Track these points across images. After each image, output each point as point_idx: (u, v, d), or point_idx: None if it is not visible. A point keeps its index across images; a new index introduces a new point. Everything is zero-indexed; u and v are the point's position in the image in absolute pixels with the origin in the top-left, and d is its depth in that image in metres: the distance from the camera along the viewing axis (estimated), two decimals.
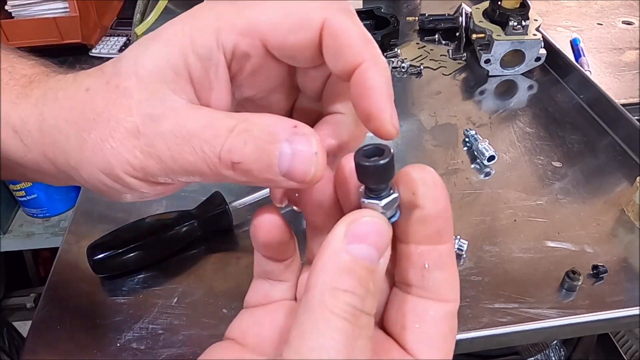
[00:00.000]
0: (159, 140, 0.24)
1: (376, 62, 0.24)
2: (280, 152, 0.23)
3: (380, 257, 0.22)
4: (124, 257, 0.52)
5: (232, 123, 0.23)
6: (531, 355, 0.83)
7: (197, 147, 0.23)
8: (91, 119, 0.25)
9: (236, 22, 0.24)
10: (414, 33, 0.95)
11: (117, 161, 0.24)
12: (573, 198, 0.60)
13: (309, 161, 0.23)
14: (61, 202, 1.80)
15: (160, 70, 0.24)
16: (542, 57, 0.80)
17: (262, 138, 0.23)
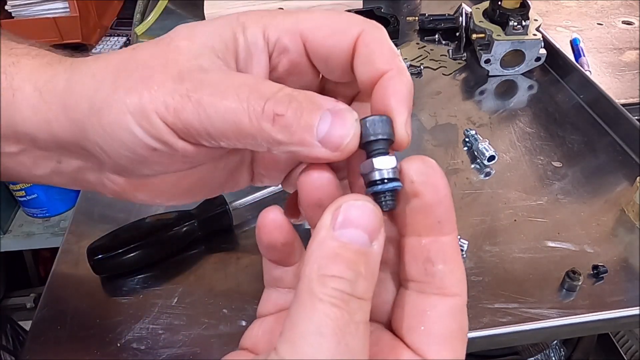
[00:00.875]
0: (203, 87, 0.23)
1: (401, 73, 0.25)
2: (322, 116, 0.23)
3: (372, 239, 0.22)
4: (124, 257, 0.52)
5: (280, 86, 0.24)
6: (531, 355, 0.83)
7: (243, 96, 0.23)
8: (134, 66, 0.24)
9: (283, 21, 0.26)
10: (414, 33, 0.95)
11: (151, 100, 0.23)
12: (573, 198, 0.60)
13: (348, 128, 0.23)
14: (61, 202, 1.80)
15: (212, 40, 0.25)
16: (542, 57, 0.80)
17: (307, 102, 0.23)
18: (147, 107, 0.23)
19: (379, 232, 0.22)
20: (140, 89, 0.24)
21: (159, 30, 1.00)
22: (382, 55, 0.25)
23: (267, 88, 0.24)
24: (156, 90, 0.23)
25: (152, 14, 1.00)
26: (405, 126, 0.25)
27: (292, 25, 0.26)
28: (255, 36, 0.26)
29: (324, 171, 0.25)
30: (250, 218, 0.58)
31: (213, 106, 0.23)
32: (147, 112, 0.23)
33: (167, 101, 0.23)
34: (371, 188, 0.24)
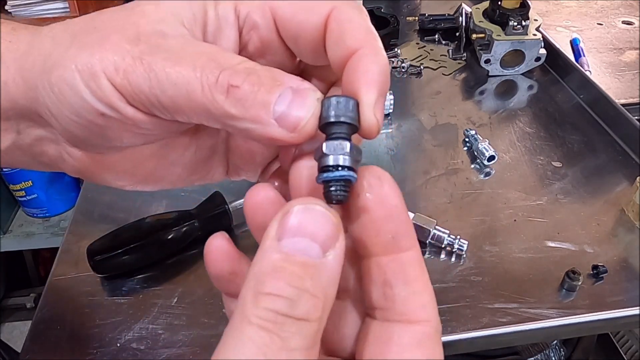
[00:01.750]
0: (158, 51, 0.22)
1: (374, 52, 0.23)
2: (282, 93, 0.21)
3: (325, 249, 0.19)
4: (124, 257, 0.52)
5: (241, 59, 0.22)
6: (531, 355, 0.83)
7: (199, 63, 0.21)
8: (93, 27, 0.23)
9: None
10: (414, 33, 0.95)
11: (101, 60, 0.22)
12: (573, 198, 0.60)
13: (307, 108, 0.21)
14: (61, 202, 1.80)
15: (181, 8, 0.24)
16: (542, 57, 0.80)
17: (267, 77, 0.21)
18: (95, 67, 0.22)
19: (334, 239, 0.19)
20: (93, 47, 0.22)
21: None
22: (353, 32, 0.23)
23: (226, 58, 0.22)
24: (108, 49, 0.22)
25: None
26: (373, 109, 0.22)
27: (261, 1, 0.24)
28: (226, 10, 0.24)
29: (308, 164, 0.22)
30: None
31: (165, 71, 0.21)
32: (95, 72, 0.22)
33: (118, 62, 0.21)
34: (320, 175, 0.21)
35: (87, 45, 0.22)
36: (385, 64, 0.23)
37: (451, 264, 0.53)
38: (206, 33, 0.24)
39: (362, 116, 0.22)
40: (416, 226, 0.54)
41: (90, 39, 0.22)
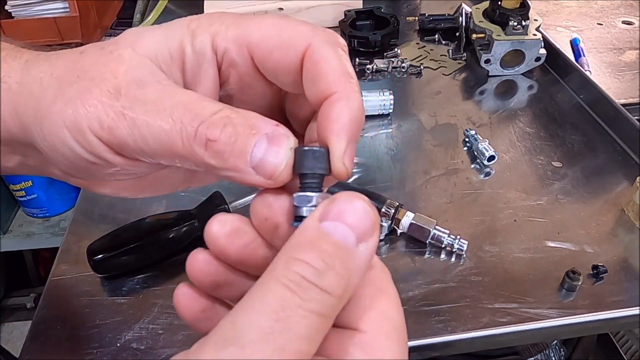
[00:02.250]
0: (138, 104, 0.23)
1: (347, 97, 0.23)
2: (257, 142, 0.22)
3: (359, 240, 0.20)
4: (124, 257, 0.52)
5: (218, 107, 0.23)
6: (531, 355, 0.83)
7: (177, 116, 0.22)
8: (76, 75, 0.24)
9: (232, 30, 0.25)
10: (414, 33, 0.95)
11: (86, 116, 0.23)
12: (573, 198, 0.60)
13: (281, 157, 0.22)
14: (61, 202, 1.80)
15: (157, 49, 0.24)
16: (542, 57, 0.80)
17: (243, 126, 0.22)
18: (82, 123, 0.23)
19: (370, 235, 0.20)
20: (77, 103, 0.23)
21: None
22: (327, 75, 0.24)
23: (203, 108, 0.23)
24: (90, 106, 0.23)
25: (152, 14, 1.00)
26: (342, 159, 0.23)
27: (239, 36, 0.25)
28: (204, 46, 0.25)
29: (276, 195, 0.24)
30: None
31: (147, 126, 0.22)
32: (82, 128, 0.23)
33: (102, 118, 0.23)
34: (293, 223, 0.23)
35: (72, 100, 0.23)
36: (357, 108, 0.23)
37: (451, 264, 0.53)
38: (185, 71, 0.25)
39: (332, 165, 0.23)
40: (416, 226, 0.54)
41: (74, 90, 0.23)
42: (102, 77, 0.23)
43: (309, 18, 0.94)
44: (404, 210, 0.55)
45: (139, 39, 0.25)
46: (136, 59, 0.24)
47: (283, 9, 0.93)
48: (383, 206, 0.55)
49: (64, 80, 0.24)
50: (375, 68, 0.84)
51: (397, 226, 0.55)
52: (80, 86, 0.23)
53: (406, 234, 0.55)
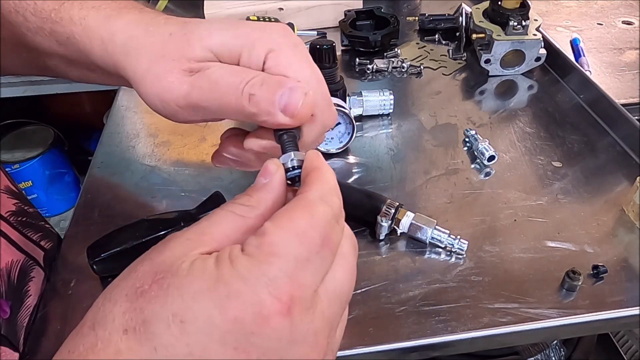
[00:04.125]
0: (205, 77, 0.34)
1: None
2: (282, 93, 0.32)
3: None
4: (124, 257, 0.52)
5: (256, 72, 0.34)
6: (531, 355, 0.83)
7: (231, 81, 0.33)
8: (162, 54, 0.35)
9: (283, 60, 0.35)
10: (414, 33, 0.95)
11: (170, 91, 0.34)
12: (573, 198, 0.60)
13: (299, 99, 0.32)
14: (61, 202, 1.80)
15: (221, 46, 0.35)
16: (542, 57, 0.80)
17: (274, 83, 0.33)
18: (166, 96, 0.35)
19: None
20: (162, 80, 0.35)
21: None
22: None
23: (247, 72, 0.34)
24: (173, 82, 0.34)
25: None
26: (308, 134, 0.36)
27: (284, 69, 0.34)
28: (258, 57, 0.35)
29: None
30: None
31: (210, 90, 0.34)
32: (166, 99, 0.35)
33: (180, 91, 0.34)
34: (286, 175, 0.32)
35: (159, 76, 0.35)
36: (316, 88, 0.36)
37: (451, 264, 0.53)
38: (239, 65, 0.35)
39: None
40: (416, 226, 0.54)
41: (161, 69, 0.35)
42: (179, 60, 0.34)
43: (309, 18, 0.94)
44: (404, 210, 0.55)
45: (211, 34, 0.35)
46: (203, 51, 0.35)
47: (283, 8, 0.93)
48: (383, 206, 0.55)
49: (154, 57, 0.35)
50: (375, 68, 0.84)
51: (397, 226, 0.55)
52: (165, 65, 0.35)
53: (406, 234, 0.55)
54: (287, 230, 0.25)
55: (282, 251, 0.25)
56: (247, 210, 0.28)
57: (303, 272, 0.25)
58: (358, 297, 0.50)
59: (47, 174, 1.77)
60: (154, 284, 0.25)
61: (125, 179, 0.66)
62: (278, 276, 0.24)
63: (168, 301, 0.24)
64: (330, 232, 0.27)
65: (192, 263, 0.25)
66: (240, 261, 0.25)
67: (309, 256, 0.25)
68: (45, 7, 0.38)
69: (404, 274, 0.52)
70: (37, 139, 1.79)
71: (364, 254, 0.55)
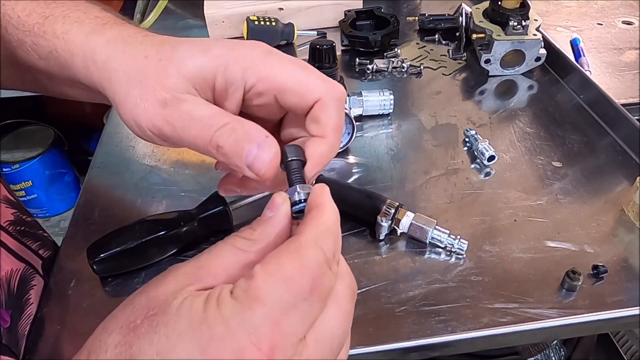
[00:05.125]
0: (177, 115, 0.33)
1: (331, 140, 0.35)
2: (249, 149, 0.32)
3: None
4: (124, 257, 0.52)
5: (227, 119, 0.33)
6: (531, 355, 0.83)
7: (200, 127, 0.33)
8: (139, 80, 0.34)
9: (261, 69, 0.34)
10: (414, 33, 0.95)
11: (145, 118, 0.34)
12: (573, 198, 0.60)
13: (264, 162, 0.32)
14: (61, 202, 1.80)
15: (195, 72, 0.34)
16: (542, 57, 0.80)
17: (242, 136, 0.32)
18: (141, 122, 0.34)
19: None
20: (139, 108, 0.34)
21: (159, 30, 0.99)
22: (327, 124, 0.35)
23: (218, 121, 0.33)
24: (147, 112, 0.34)
25: (152, 14, 1.00)
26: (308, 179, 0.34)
27: (266, 76, 0.34)
28: (234, 77, 0.34)
29: None
30: (250, 218, 0.58)
31: (181, 129, 0.33)
32: (141, 125, 0.34)
33: (154, 121, 0.34)
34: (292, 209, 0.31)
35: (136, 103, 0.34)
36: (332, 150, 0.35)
37: (451, 264, 0.53)
38: (215, 90, 0.35)
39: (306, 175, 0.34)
40: (416, 226, 0.54)
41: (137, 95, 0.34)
42: (154, 88, 0.34)
43: (309, 18, 0.94)
44: (404, 210, 0.55)
45: (186, 61, 0.34)
46: (178, 78, 0.34)
47: (283, 8, 0.93)
48: (383, 206, 0.55)
49: (132, 81, 0.34)
50: (375, 68, 0.84)
51: (397, 226, 0.55)
52: (141, 91, 0.34)
53: (406, 234, 0.55)
54: (274, 275, 0.25)
55: (267, 297, 0.24)
56: (249, 245, 0.28)
57: (287, 319, 0.24)
58: (358, 297, 0.50)
59: (47, 174, 1.77)
60: (145, 319, 0.26)
61: (125, 179, 0.66)
62: (260, 323, 0.24)
63: (155, 339, 0.24)
64: (321, 277, 0.26)
65: (182, 301, 0.25)
66: (226, 304, 0.25)
67: (296, 302, 0.25)
68: (29, 20, 0.38)
69: (404, 274, 0.52)
70: (37, 139, 1.79)
71: (364, 254, 0.55)
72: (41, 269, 0.52)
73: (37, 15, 0.38)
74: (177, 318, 0.25)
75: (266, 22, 0.89)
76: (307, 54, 0.69)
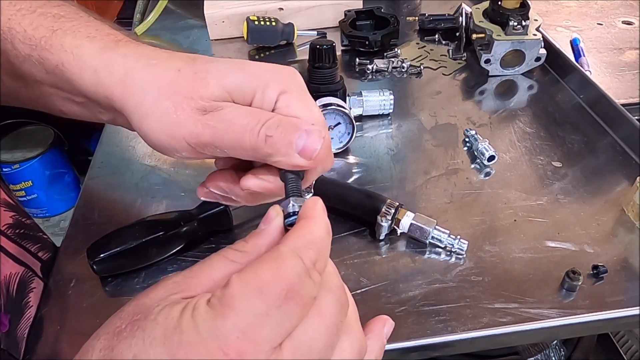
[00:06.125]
0: (219, 118, 0.33)
1: None
2: (300, 135, 0.33)
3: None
4: (124, 257, 0.52)
5: (271, 114, 0.34)
6: (531, 355, 0.83)
7: (246, 122, 0.33)
8: (172, 91, 0.34)
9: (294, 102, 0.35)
10: (414, 33, 0.95)
11: (181, 128, 0.34)
12: (573, 198, 0.60)
13: (317, 143, 0.33)
14: (61, 202, 1.80)
15: (236, 87, 0.35)
16: (542, 57, 0.80)
17: (290, 126, 0.33)
18: (176, 133, 0.34)
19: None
20: (172, 116, 0.34)
21: (159, 30, 1.00)
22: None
23: (262, 116, 0.34)
24: (184, 119, 0.33)
25: (152, 14, 1.00)
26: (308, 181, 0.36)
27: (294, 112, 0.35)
28: (271, 96, 0.35)
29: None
30: (250, 218, 0.58)
31: (224, 131, 0.33)
32: (175, 135, 0.34)
33: (192, 129, 0.33)
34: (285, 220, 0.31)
35: (169, 112, 0.34)
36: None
37: (451, 264, 0.53)
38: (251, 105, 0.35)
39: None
40: (416, 226, 0.54)
41: (170, 104, 0.34)
42: (192, 97, 0.34)
43: (309, 18, 0.94)
44: (404, 210, 0.55)
45: (226, 75, 0.35)
46: (218, 91, 0.34)
47: (283, 8, 0.93)
48: (383, 206, 0.55)
49: (163, 92, 0.34)
50: (375, 68, 0.84)
51: (397, 226, 0.55)
52: (176, 102, 0.34)
53: (406, 234, 0.55)
54: (248, 284, 0.25)
55: (239, 305, 0.24)
56: (240, 256, 0.28)
57: (259, 327, 0.24)
58: (358, 297, 0.50)
59: (47, 174, 1.77)
60: (129, 324, 0.26)
61: (125, 179, 0.66)
62: (230, 331, 0.24)
63: (132, 343, 0.25)
64: (298, 285, 0.25)
65: (163, 308, 0.25)
66: (200, 312, 0.25)
67: (269, 310, 0.24)
68: (36, 34, 0.37)
69: (404, 274, 0.52)
70: (37, 139, 1.79)
71: (364, 254, 0.55)
72: (40, 272, 0.52)
73: (45, 29, 0.37)
74: (154, 324, 0.25)
75: (266, 22, 0.89)
76: (307, 54, 0.69)
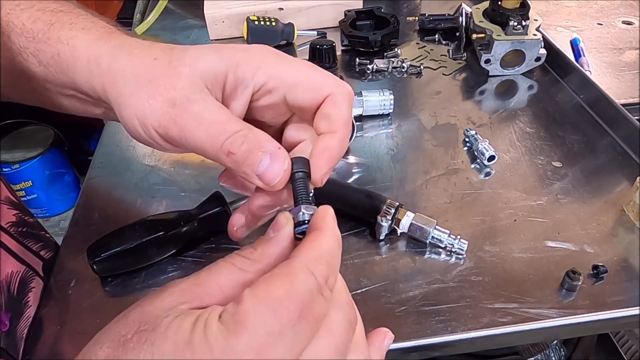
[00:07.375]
0: (187, 115, 0.33)
1: (340, 138, 0.35)
2: (262, 158, 0.32)
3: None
4: (124, 257, 0.52)
5: (240, 126, 0.33)
6: (531, 355, 0.83)
7: (211, 131, 0.32)
8: (147, 79, 0.34)
9: (271, 68, 0.35)
10: (414, 33, 0.95)
11: (151, 116, 0.34)
12: (573, 198, 0.60)
13: (277, 173, 0.32)
14: (61, 202, 1.80)
15: (207, 71, 0.34)
16: (542, 57, 0.80)
17: (255, 145, 0.32)
18: (146, 120, 0.34)
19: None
20: (145, 105, 0.34)
21: (159, 30, 1.00)
22: (337, 119, 0.35)
23: (229, 127, 0.33)
24: (154, 110, 0.33)
25: (152, 14, 1.00)
26: (320, 176, 0.34)
27: (277, 74, 0.35)
28: (245, 74, 0.35)
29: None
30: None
31: (190, 133, 0.33)
32: (146, 123, 0.34)
33: (160, 120, 0.33)
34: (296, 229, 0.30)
35: (142, 101, 0.34)
36: (345, 146, 0.35)
37: (451, 264, 0.53)
38: (225, 89, 0.35)
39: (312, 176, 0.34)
40: (416, 226, 0.54)
41: (144, 94, 0.34)
42: (165, 87, 0.34)
43: (309, 18, 0.94)
44: (404, 210, 0.55)
45: (197, 60, 0.34)
46: (190, 78, 0.34)
47: (283, 8, 0.93)
48: (383, 206, 0.55)
49: (139, 80, 0.34)
50: (375, 68, 0.84)
51: (397, 226, 0.55)
52: (150, 90, 0.34)
53: (406, 234, 0.55)
54: (262, 301, 0.24)
55: (253, 323, 0.24)
56: (248, 264, 0.28)
57: (273, 346, 0.24)
58: (358, 297, 0.50)
59: (47, 174, 1.77)
60: (135, 334, 0.25)
61: (125, 179, 0.66)
62: (244, 350, 0.23)
63: (140, 356, 0.24)
64: (311, 303, 0.25)
65: (172, 320, 0.25)
66: (212, 328, 0.24)
67: (282, 329, 0.24)
68: (34, 27, 0.38)
69: (404, 274, 0.52)
70: (37, 139, 1.79)
71: (364, 254, 0.55)
72: (41, 270, 0.52)
73: (43, 23, 0.38)
74: (164, 337, 0.24)
75: (266, 22, 0.89)
76: (307, 54, 0.69)
